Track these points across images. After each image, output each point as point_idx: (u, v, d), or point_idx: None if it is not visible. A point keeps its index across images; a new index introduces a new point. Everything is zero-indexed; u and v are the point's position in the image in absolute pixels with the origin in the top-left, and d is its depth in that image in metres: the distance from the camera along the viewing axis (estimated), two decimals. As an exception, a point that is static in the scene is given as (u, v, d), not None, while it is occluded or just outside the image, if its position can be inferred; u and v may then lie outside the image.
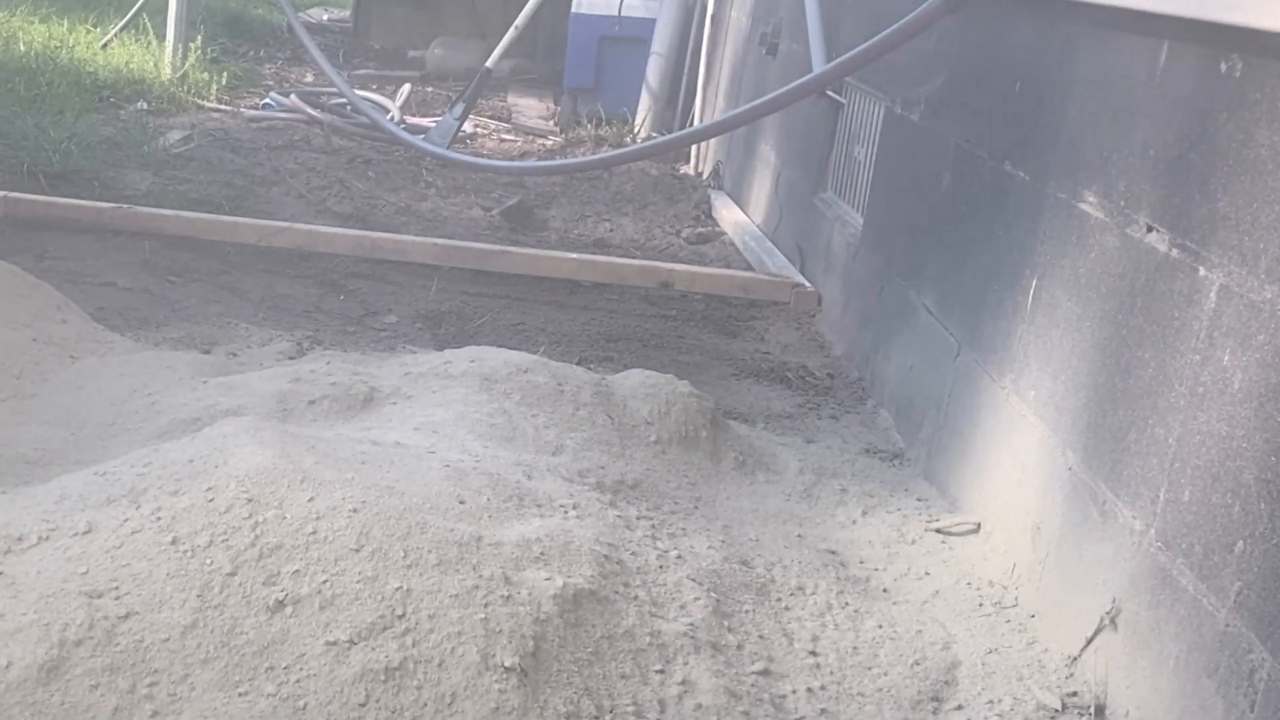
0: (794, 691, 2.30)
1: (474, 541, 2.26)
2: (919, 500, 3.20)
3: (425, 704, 1.99)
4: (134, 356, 3.39)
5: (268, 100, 7.36)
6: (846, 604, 2.60)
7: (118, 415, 3.04)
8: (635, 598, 2.33)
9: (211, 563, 2.11)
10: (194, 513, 2.20)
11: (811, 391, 3.99)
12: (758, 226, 5.75)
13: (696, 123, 7.30)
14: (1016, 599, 2.72)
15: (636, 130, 7.61)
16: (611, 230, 5.79)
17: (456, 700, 2.00)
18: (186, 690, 1.95)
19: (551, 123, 8.13)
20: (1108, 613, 2.36)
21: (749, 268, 5.22)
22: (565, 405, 3.12)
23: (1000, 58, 3.32)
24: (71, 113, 5.98)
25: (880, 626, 2.54)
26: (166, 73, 7.19)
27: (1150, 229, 2.43)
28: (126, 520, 2.20)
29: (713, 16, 7.31)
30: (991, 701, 2.36)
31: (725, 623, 2.41)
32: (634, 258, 5.19)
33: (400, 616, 2.09)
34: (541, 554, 2.30)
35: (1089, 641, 2.40)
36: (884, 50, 3.74)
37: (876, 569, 2.83)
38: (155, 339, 3.67)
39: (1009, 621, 2.65)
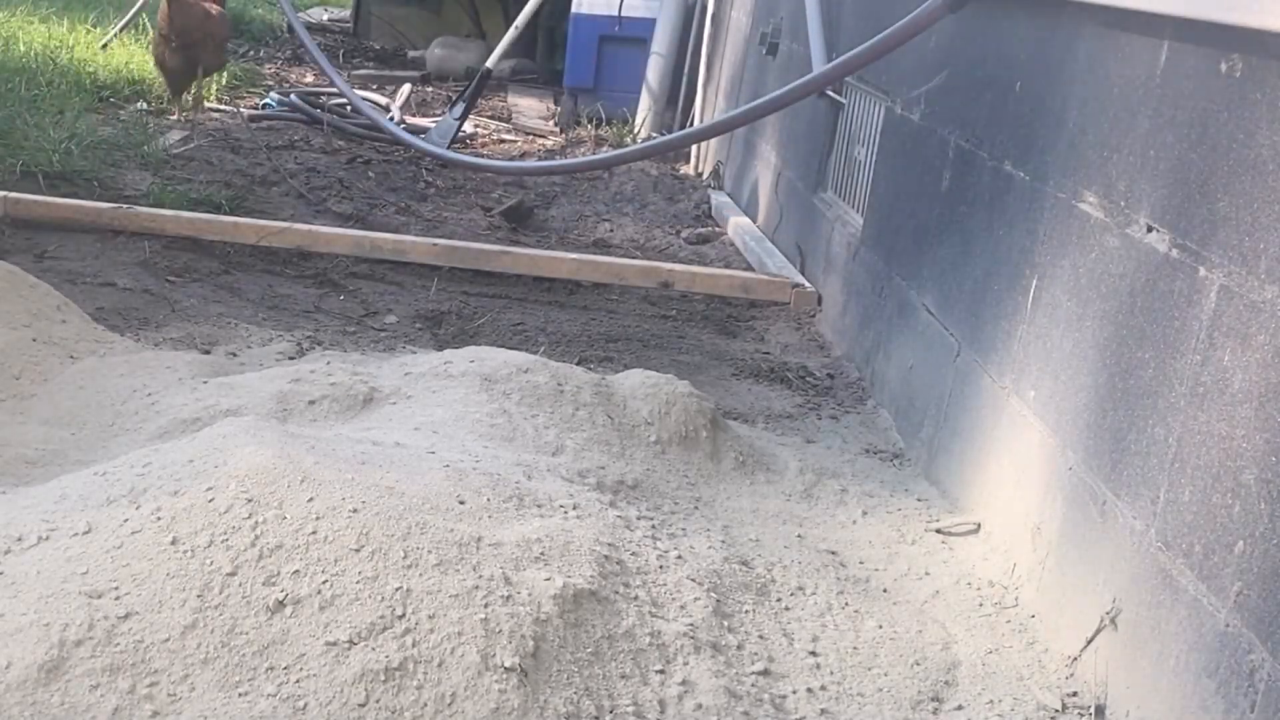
0: (794, 692, 2.30)
1: (474, 541, 2.26)
2: (919, 500, 3.20)
3: (425, 704, 1.99)
4: (134, 356, 3.39)
5: (268, 100, 7.36)
6: (846, 604, 2.60)
7: (118, 415, 3.04)
8: (635, 598, 2.33)
9: (211, 563, 2.11)
10: (194, 513, 2.20)
11: (811, 392, 3.99)
12: (758, 226, 5.75)
13: (696, 123, 7.30)
14: (1016, 599, 2.72)
15: (636, 130, 7.61)
16: (611, 230, 5.79)
17: (456, 700, 2.00)
18: (186, 690, 1.95)
19: (551, 123, 8.13)
20: (1108, 613, 2.36)
21: (749, 268, 5.22)
22: (565, 405, 3.12)
23: (1000, 58, 3.32)
24: (71, 113, 5.98)
25: (880, 627, 2.54)
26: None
27: (1150, 229, 2.43)
28: (126, 520, 2.20)
29: (713, 16, 7.31)
30: (992, 702, 2.36)
31: (725, 623, 2.41)
32: (634, 258, 5.19)
33: (400, 617, 2.09)
34: (541, 554, 2.30)
35: (1089, 642, 2.40)
36: (884, 50, 3.74)
37: (876, 569, 2.82)
38: (155, 339, 3.67)
39: (1009, 622, 2.65)
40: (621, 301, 4.71)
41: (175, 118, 6.60)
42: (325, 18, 12.12)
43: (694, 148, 7.24)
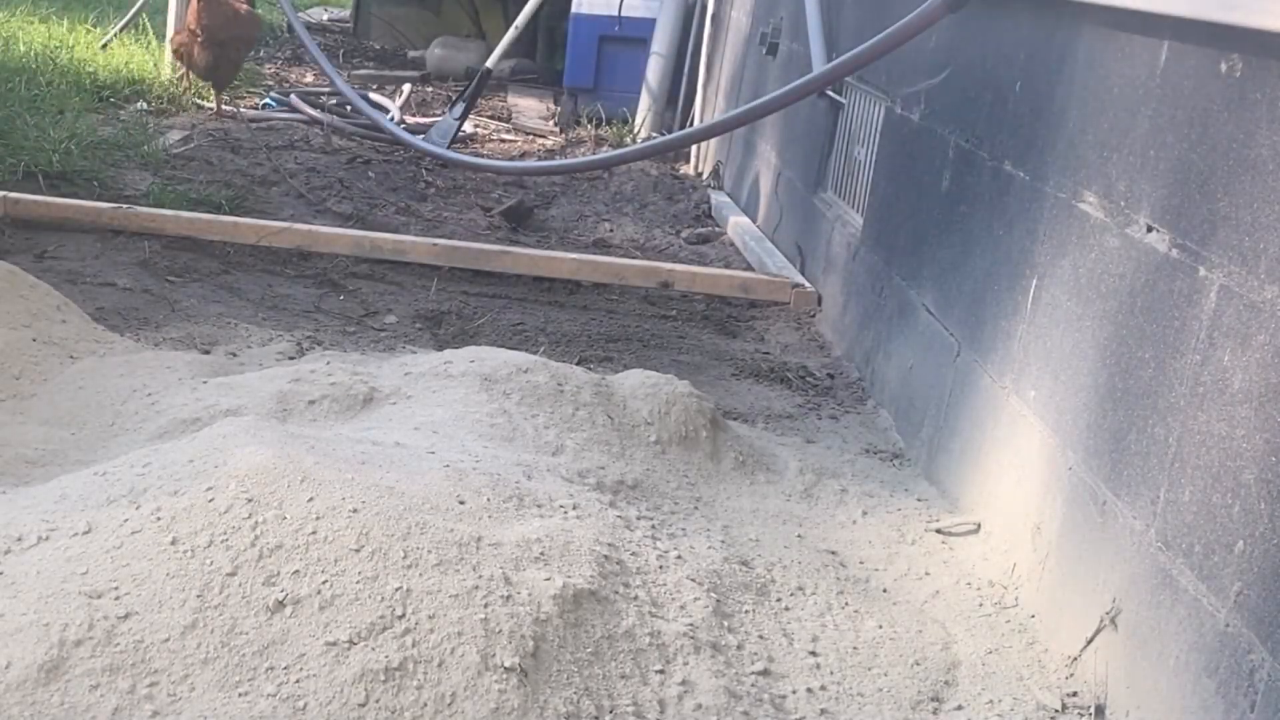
0: (794, 692, 2.30)
1: (474, 541, 2.26)
2: (919, 500, 3.20)
3: (425, 704, 1.99)
4: (134, 356, 3.39)
5: (268, 100, 7.36)
6: (846, 604, 2.60)
7: (118, 415, 3.04)
8: (635, 598, 2.33)
9: (211, 563, 2.12)
10: (194, 513, 2.20)
11: (811, 392, 3.99)
12: (758, 226, 5.75)
13: (696, 123, 7.30)
14: (1016, 599, 2.72)
15: (636, 130, 7.61)
16: (611, 230, 5.79)
17: (456, 700, 2.00)
18: (186, 690, 1.95)
19: (551, 123, 8.13)
20: (1108, 613, 2.36)
21: (749, 268, 5.22)
22: (565, 405, 3.12)
23: (1000, 58, 3.32)
24: (71, 113, 5.98)
25: (880, 627, 2.54)
26: (166, 73, 7.19)
27: (1150, 229, 2.43)
28: (126, 520, 2.20)
29: (713, 16, 7.31)
30: (991, 702, 2.36)
31: (725, 623, 2.41)
32: (634, 258, 5.19)
33: (400, 616, 2.09)
34: (541, 554, 2.30)
35: (1089, 641, 2.40)
36: (884, 50, 3.74)
37: (876, 569, 2.83)
38: (155, 339, 3.67)
39: (1009, 622, 2.65)
40: (621, 301, 4.71)
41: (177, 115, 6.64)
42: (325, 18, 12.13)
43: (694, 148, 7.24)
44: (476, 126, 7.69)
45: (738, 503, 3.03)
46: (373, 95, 7.95)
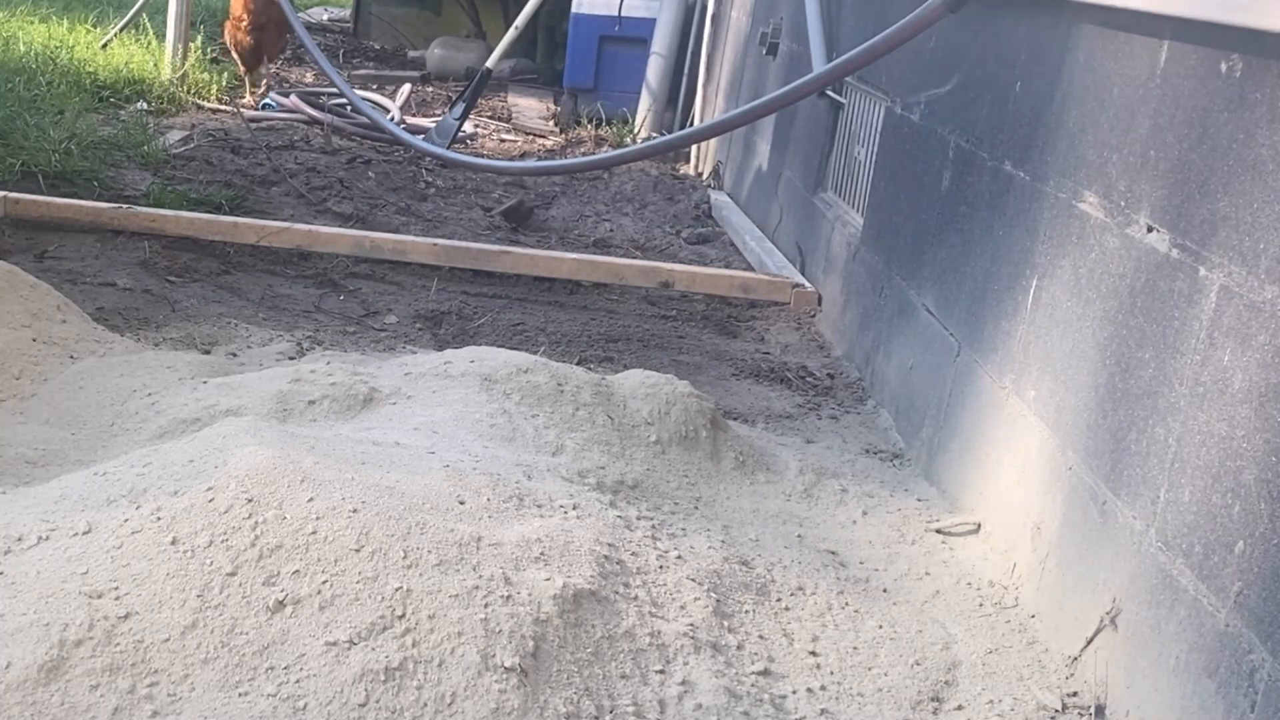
0: (794, 692, 2.30)
1: (474, 541, 2.27)
2: (919, 500, 3.20)
3: (425, 704, 1.99)
4: (134, 356, 3.39)
5: (267, 100, 7.36)
6: (846, 604, 2.60)
7: (118, 415, 3.04)
8: (635, 598, 2.33)
9: (211, 563, 2.12)
10: (194, 513, 2.20)
11: (811, 392, 3.99)
12: (758, 226, 5.75)
13: (696, 123, 7.30)
14: (1016, 599, 2.72)
15: (636, 130, 7.61)
16: (611, 230, 5.79)
17: (456, 700, 2.00)
18: (186, 690, 1.95)
19: (551, 123, 8.13)
20: (1108, 613, 2.36)
21: (749, 268, 5.22)
22: (565, 405, 3.12)
23: (1000, 58, 3.32)
24: (71, 113, 5.98)
25: (880, 627, 2.54)
26: (166, 73, 7.19)
27: (1150, 229, 2.43)
28: (126, 520, 2.20)
29: (713, 16, 7.31)
30: (992, 702, 2.36)
31: (725, 623, 2.41)
32: (634, 258, 5.19)
33: (400, 616, 2.09)
34: (541, 554, 2.30)
35: (1089, 641, 2.40)
36: (884, 50, 3.74)
37: (876, 569, 2.83)
38: (155, 339, 3.67)
39: (1009, 621, 2.65)
40: (621, 301, 4.71)
41: (246, 100, 7.22)
42: (325, 18, 12.13)
43: (694, 148, 7.25)
44: (476, 126, 7.69)
45: (738, 503, 3.03)
46: (373, 95, 7.96)
